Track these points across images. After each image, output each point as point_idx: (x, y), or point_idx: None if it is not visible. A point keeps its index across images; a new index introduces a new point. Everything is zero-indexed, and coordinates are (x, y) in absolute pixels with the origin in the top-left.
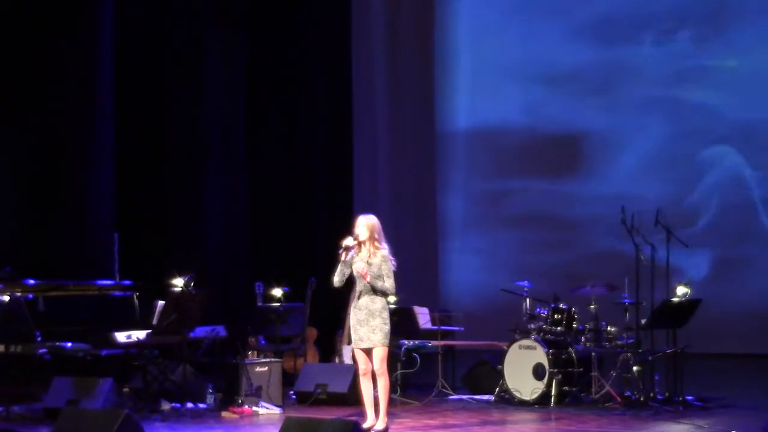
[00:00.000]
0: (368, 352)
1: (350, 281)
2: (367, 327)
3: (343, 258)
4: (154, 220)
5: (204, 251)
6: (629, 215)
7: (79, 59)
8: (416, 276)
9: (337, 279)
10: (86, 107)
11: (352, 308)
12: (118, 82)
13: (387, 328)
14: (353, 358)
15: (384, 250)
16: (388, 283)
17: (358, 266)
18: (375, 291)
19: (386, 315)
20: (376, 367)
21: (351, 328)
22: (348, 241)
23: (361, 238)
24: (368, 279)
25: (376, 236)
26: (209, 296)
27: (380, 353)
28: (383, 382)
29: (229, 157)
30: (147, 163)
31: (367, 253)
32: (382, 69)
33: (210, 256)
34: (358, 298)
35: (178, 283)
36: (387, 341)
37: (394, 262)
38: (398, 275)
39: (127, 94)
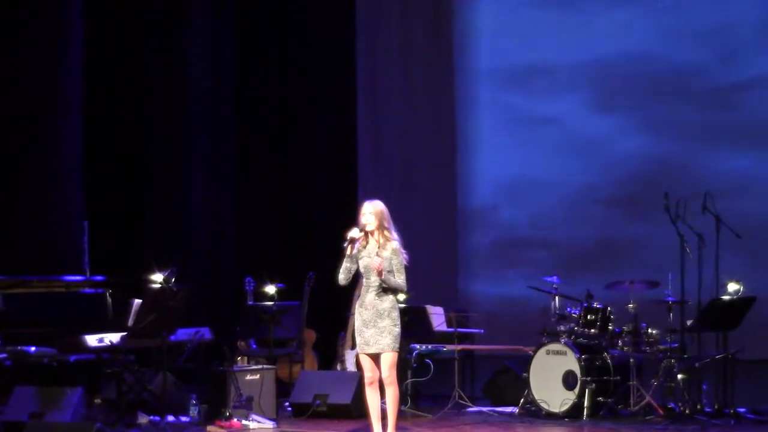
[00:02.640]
0: (375, 357)
1: (355, 277)
2: (375, 329)
3: (348, 252)
4: (129, 206)
5: (187, 242)
6: (673, 201)
7: (43, 25)
8: (430, 271)
9: (342, 276)
10: (49, 80)
11: (357, 307)
12: (88, 49)
13: (397, 330)
14: (357, 364)
15: (395, 241)
16: (400, 280)
17: (373, 261)
18: (384, 288)
19: (396, 315)
20: (384, 375)
21: (356, 331)
22: (353, 233)
23: (368, 228)
24: (382, 275)
25: (386, 225)
26: (192, 293)
27: (389, 359)
28: (392, 392)
29: (216, 133)
30: (121, 142)
31: (375, 244)
32: (391, 29)
33: (193, 248)
34: (364, 295)
35: (157, 278)
36: (397, 345)
37: (406, 256)
38: (409, 270)
39: (97, 63)
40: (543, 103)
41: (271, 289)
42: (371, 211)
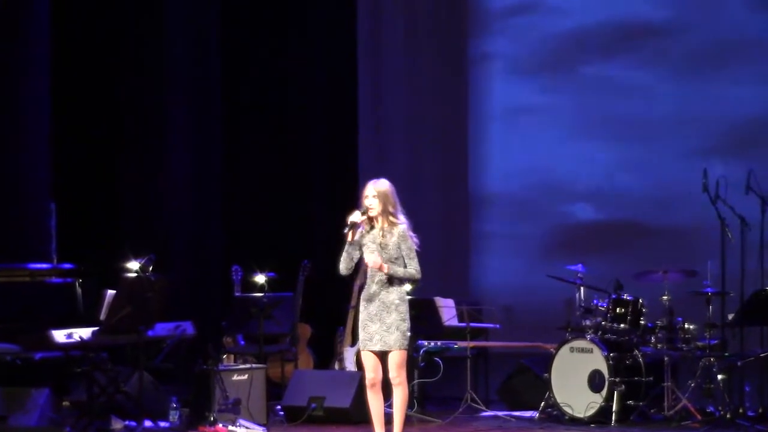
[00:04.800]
0: (379, 356)
1: (357, 265)
2: (380, 324)
3: (349, 238)
4: (101, 186)
5: (166, 225)
6: (713, 180)
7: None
8: (439, 259)
9: (343, 265)
10: (15, 47)
11: (362, 300)
12: (55, 13)
13: (406, 325)
14: (358, 363)
15: (402, 225)
16: (412, 267)
17: (369, 258)
18: (391, 279)
19: (404, 309)
20: (392, 376)
21: (360, 325)
22: (355, 216)
23: (371, 213)
24: (386, 270)
25: (391, 208)
26: (173, 284)
27: (397, 358)
28: (401, 394)
29: (200, 105)
30: (92, 113)
31: (380, 230)
32: (397, 2)
33: (173, 233)
34: (370, 286)
35: (133, 266)
36: (406, 343)
37: (416, 240)
38: (420, 256)
39: (67, 32)
40: (565, 81)
41: (261, 278)
42: (374, 193)
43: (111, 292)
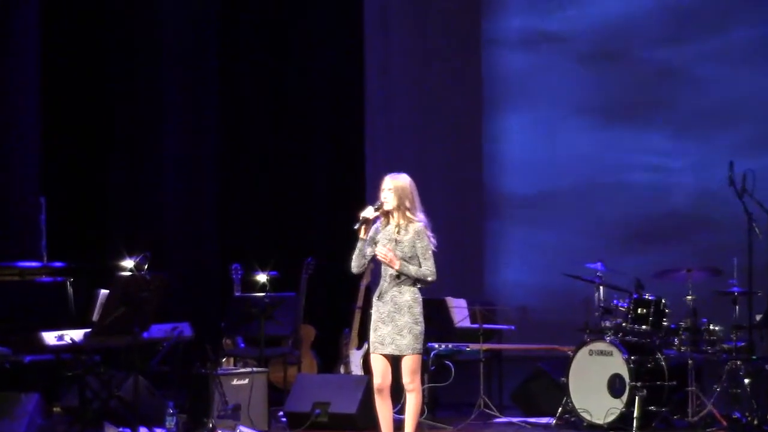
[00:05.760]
0: (391, 360)
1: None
2: (392, 326)
3: (362, 234)
4: (93, 179)
5: (161, 222)
6: (739, 171)
7: None
8: (451, 257)
9: (355, 263)
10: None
11: (374, 300)
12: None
13: (419, 328)
14: (365, 366)
15: (419, 222)
16: (426, 267)
17: (380, 249)
18: (405, 279)
19: (418, 311)
20: (405, 381)
21: (371, 326)
22: (367, 212)
23: (385, 207)
24: (397, 266)
25: (408, 204)
26: (169, 283)
27: (410, 363)
28: (414, 400)
29: (195, 90)
30: (83, 104)
31: (395, 226)
32: None
33: (169, 229)
34: (381, 286)
35: (127, 265)
36: (419, 347)
37: (433, 240)
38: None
39: (55, 14)
40: (584, 65)
41: (262, 277)
42: (390, 186)
43: (104, 291)
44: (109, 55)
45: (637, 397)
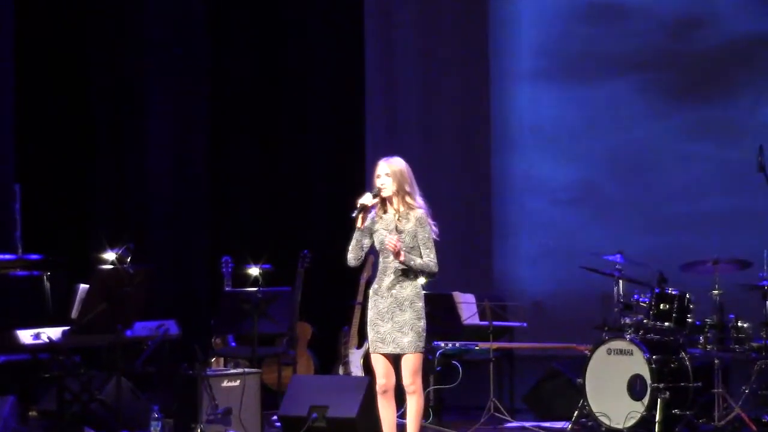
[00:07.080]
0: (392, 359)
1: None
2: (393, 323)
3: (359, 223)
4: (74, 165)
5: (146, 211)
6: None
7: None
8: (458, 248)
9: (352, 255)
10: None
11: (371, 294)
12: None
13: (421, 325)
14: (366, 367)
15: (419, 209)
16: (428, 258)
17: (386, 238)
18: (405, 270)
19: (420, 306)
20: (406, 382)
21: (369, 323)
22: (366, 199)
23: (383, 194)
24: (402, 257)
25: (407, 189)
26: (154, 277)
27: (412, 363)
28: (415, 403)
29: (183, 72)
30: (62, 82)
31: (393, 214)
32: None
33: (154, 218)
34: (381, 279)
35: (109, 257)
36: (422, 345)
37: (435, 228)
38: (438, 246)
39: None
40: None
41: (254, 271)
42: (387, 171)
43: (84, 286)
44: (92, 37)
45: (659, 400)
